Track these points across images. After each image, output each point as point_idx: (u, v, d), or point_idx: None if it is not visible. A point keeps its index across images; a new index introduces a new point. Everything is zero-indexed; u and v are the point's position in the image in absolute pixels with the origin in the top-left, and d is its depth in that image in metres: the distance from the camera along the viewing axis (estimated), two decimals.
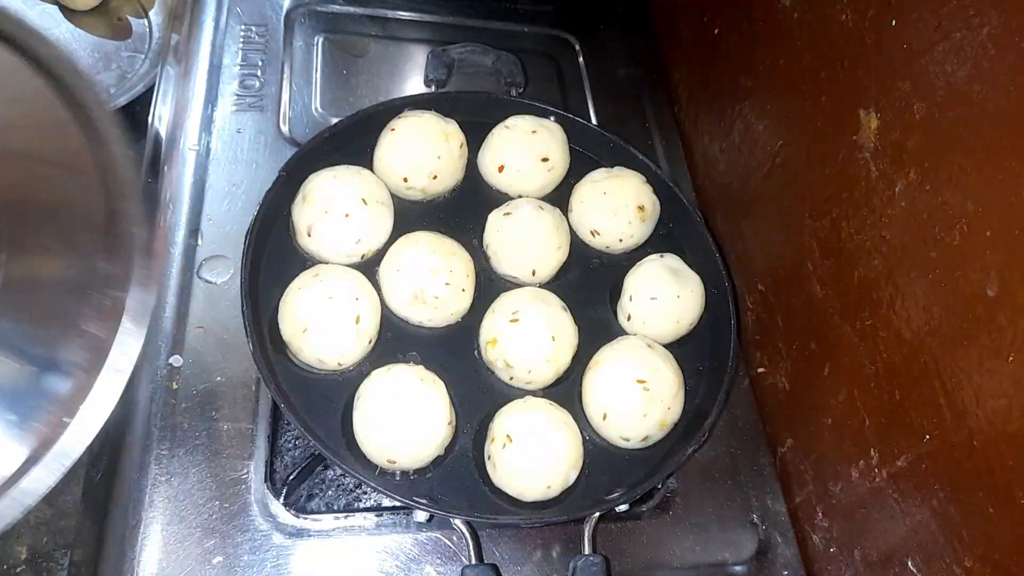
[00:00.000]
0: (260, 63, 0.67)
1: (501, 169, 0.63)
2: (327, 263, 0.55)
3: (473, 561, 0.47)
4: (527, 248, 0.58)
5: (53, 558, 0.63)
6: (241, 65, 0.67)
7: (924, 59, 0.45)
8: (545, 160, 0.63)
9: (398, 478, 0.49)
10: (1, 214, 0.36)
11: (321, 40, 0.72)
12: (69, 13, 0.87)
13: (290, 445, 0.54)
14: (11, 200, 0.36)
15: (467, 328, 0.56)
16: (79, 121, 0.38)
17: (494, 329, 0.54)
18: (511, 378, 0.54)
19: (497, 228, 0.59)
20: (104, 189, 0.38)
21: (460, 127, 0.62)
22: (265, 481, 0.49)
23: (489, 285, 0.58)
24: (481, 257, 0.59)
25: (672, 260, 0.61)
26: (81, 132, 0.38)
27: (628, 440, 0.53)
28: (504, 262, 0.59)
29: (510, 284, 0.59)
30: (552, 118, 0.66)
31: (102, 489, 0.50)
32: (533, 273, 0.58)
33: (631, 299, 0.58)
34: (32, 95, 0.37)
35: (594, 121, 0.73)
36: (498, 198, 0.63)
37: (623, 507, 0.53)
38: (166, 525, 0.47)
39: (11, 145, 0.37)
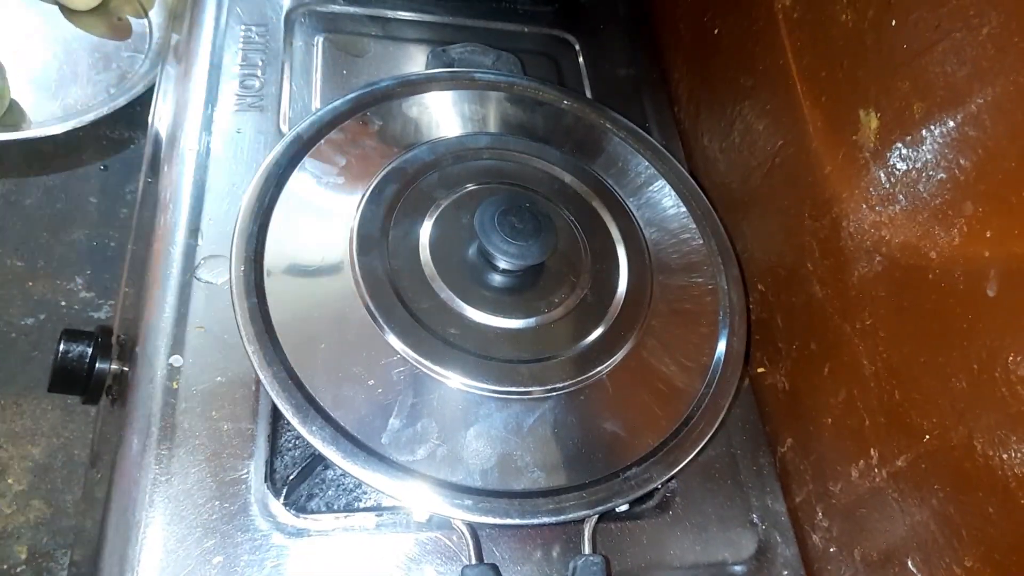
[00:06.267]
0: (260, 63, 0.68)
1: None
2: None
3: (473, 561, 0.47)
4: None
5: (53, 558, 0.64)
6: (241, 65, 0.67)
7: (924, 59, 0.45)
8: None
9: None
10: None
11: (321, 40, 0.72)
12: (69, 13, 0.87)
13: (290, 445, 0.54)
14: None
15: None
16: None
17: None
18: None
19: None
20: None
21: None
22: (265, 481, 0.49)
23: None
24: None
25: None
26: None
27: None
28: None
29: None
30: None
31: (102, 489, 0.50)
32: None
33: None
34: None
35: None
36: None
37: (623, 507, 0.53)
38: (166, 525, 0.47)
39: None
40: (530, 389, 0.52)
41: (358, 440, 0.47)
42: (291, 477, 0.52)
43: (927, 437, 0.46)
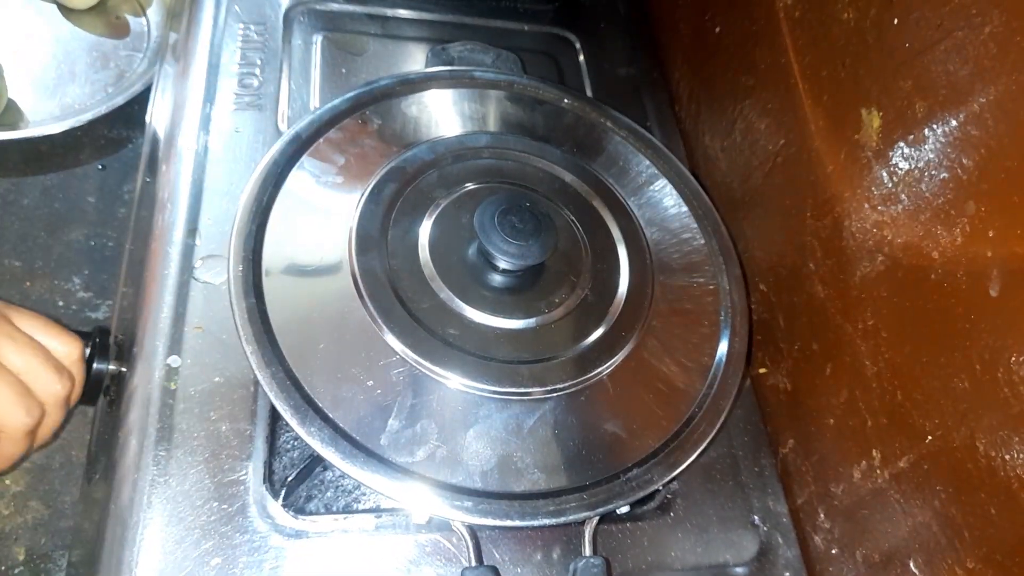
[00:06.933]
0: (259, 62, 0.67)
1: None
2: None
3: (473, 563, 0.47)
4: None
5: (51, 559, 0.63)
6: (240, 64, 0.67)
7: (926, 58, 0.45)
8: None
9: None
10: None
11: (320, 39, 0.72)
12: (67, 12, 0.87)
13: (289, 446, 0.54)
14: None
15: None
16: None
17: None
18: None
19: None
20: None
21: None
22: (264, 482, 0.49)
23: None
24: None
25: None
26: None
27: None
28: None
29: None
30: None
31: (100, 490, 0.50)
32: None
33: None
34: None
35: None
36: None
37: (624, 509, 0.53)
38: (164, 526, 0.46)
39: None
40: (530, 390, 0.52)
41: (357, 441, 0.47)
42: (290, 478, 0.52)
43: (929, 438, 0.46)
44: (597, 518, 0.50)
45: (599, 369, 0.54)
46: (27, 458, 0.48)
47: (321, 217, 0.55)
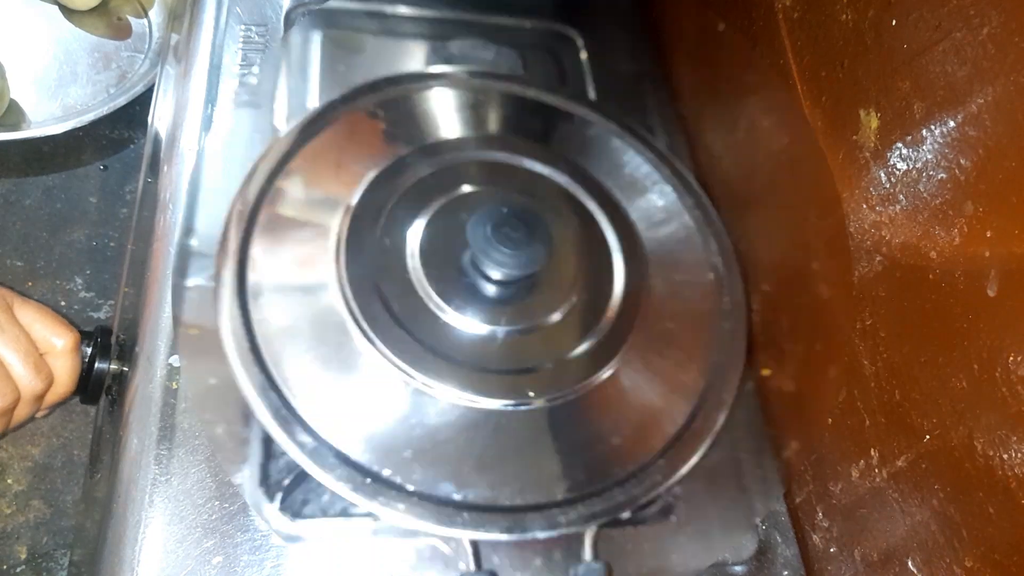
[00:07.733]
0: (260, 62, 0.67)
1: None
2: None
3: (472, 568, 0.47)
4: None
5: (53, 558, 0.64)
6: (241, 64, 0.67)
7: (924, 59, 0.45)
8: None
9: None
10: None
11: (319, 37, 0.72)
12: (68, 13, 0.87)
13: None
14: None
15: None
16: None
17: None
18: None
19: None
20: None
21: None
22: (260, 485, 0.49)
23: None
24: None
25: None
26: None
27: None
28: None
29: None
30: None
31: (102, 489, 0.50)
32: None
33: None
34: None
35: None
36: None
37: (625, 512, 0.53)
38: (166, 525, 0.47)
39: None
40: (526, 399, 0.51)
41: (344, 455, 0.46)
42: (286, 482, 0.51)
43: (927, 437, 0.46)
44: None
45: (597, 375, 0.53)
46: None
47: (312, 218, 0.54)
